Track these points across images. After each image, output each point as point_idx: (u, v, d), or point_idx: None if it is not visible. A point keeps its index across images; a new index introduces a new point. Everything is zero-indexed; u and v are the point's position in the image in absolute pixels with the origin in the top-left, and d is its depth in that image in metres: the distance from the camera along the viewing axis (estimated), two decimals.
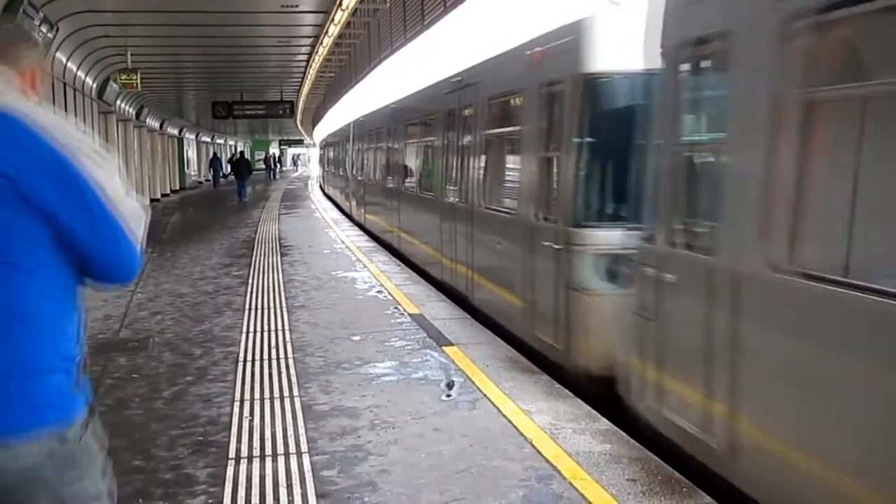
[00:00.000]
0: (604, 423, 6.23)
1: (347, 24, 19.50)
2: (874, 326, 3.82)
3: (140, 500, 5.05)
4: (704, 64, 5.49)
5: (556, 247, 7.62)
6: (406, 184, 15.93)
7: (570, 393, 7.00)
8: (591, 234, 7.28)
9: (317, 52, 21.17)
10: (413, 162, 15.58)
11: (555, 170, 8.01)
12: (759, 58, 4.71)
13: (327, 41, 19.35)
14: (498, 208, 9.76)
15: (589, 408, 6.60)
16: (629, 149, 6.79)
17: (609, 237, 7.13)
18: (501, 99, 9.92)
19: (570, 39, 7.57)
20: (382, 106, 18.85)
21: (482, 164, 10.37)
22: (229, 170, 42.79)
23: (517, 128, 9.14)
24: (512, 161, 9.65)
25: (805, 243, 4.36)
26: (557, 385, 7.23)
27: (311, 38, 19.24)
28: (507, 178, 9.82)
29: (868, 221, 4.12)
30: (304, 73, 26.14)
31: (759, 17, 4.73)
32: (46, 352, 2.35)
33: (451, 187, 11.84)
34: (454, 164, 11.72)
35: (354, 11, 17.86)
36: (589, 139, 7.40)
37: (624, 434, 6.01)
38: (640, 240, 6.08)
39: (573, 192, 7.48)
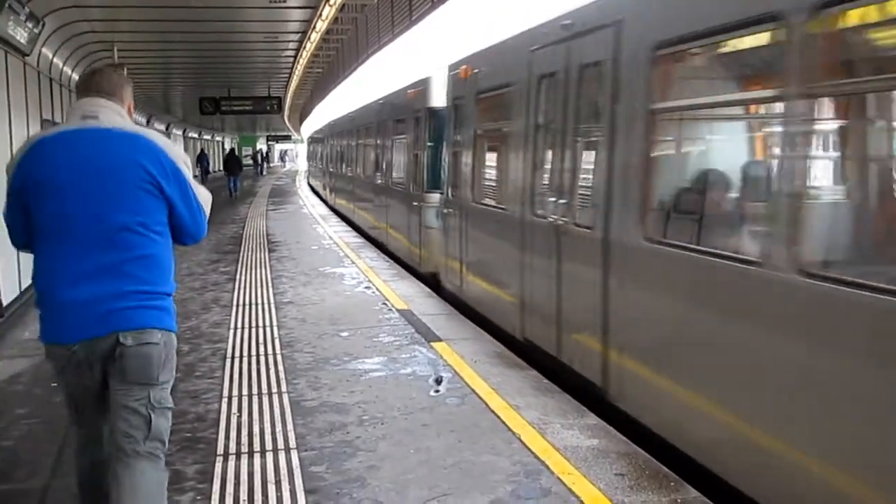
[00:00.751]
0: (592, 418, 6.25)
1: (335, 20, 19.42)
2: (503, 223, 9.01)
3: None
4: (458, 110, 11.02)
5: (417, 204, 13.59)
6: (356, 171, 22.42)
7: (558, 388, 7.03)
8: (431, 195, 12.94)
9: (304, 48, 21.09)
10: (360, 156, 21.72)
11: (419, 160, 13.94)
12: (470, 109, 10.47)
13: (315, 37, 19.25)
14: (397, 185, 15.97)
15: (577, 403, 6.64)
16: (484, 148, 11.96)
17: (439, 197, 12.28)
18: (399, 117, 16.02)
19: (423, 88, 13.75)
20: (346, 113, 25.94)
21: (391, 157, 16.85)
22: (221, 166, 43.77)
23: (405, 136, 15.19)
24: (403, 156, 15.46)
25: (482, 192, 10.34)
26: (546, 380, 7.26)
27: (299, 34, 19.15)
28: (402, 166, 15.63)
29: (499, 183, 9.85)
30: (292, 68, 26.01)
31: (471, 91, 10.32)
32: (167, 283, 3.97)
33: (378, 173, 18.25)
34: (380, 158, 18.20)
35: (342, 7, 17.80)
36: (429, 143, 13.39)
37: (612, 429, 6.03)
38: (441, 195, 12.01)
39: (424, 173, 13.60)
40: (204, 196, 4.12)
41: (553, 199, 7.56)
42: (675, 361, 5.75)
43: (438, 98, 12.64)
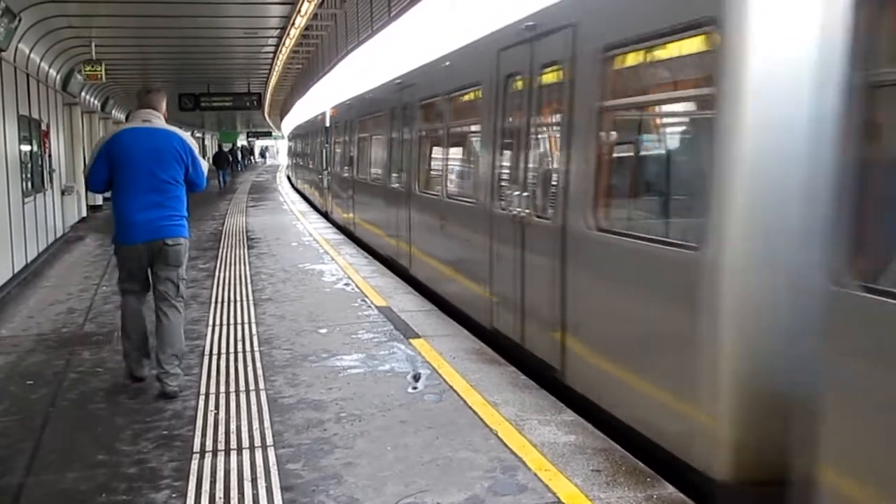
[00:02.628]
0: (569, 415, 6.26)
1: (314, 16, 19.35)
2: (340, 179, 21.76)
3: (103, 495, 5.02)
4: (332, 130, 23.30)
5: (321, 176, 25.90)
6: (305, 161, 34.80)
7: (535, 384, 7.04)
8: (325, 171, 24.91)
9: (284, 44, 21.03)
10: (305, 151, 34.75)
11: (324, 153, 25.33)
12: (333, 130, 23.13)
13: (294, 32, 19.19)
14: (317, 167, 27.45)
15: (554, 399, 6.64)
16: (338, 146, 22.14)
17: (327, 171, 24.86)
18: (315, 129, 28.63)
19: (323, 115, 25.35)
20: (300, 123, 39.26)
21: (316, 152, 28.04)
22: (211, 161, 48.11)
23: (319, 140, 26.89)
24: (319, 151, 26.98)
25: (335, 166, 22.69)
26: (523, 377, 7.27)
27: (278, 30, 19.08)
28: (318, 156, 27.13)
29: (339, 163, 21.91)
30: (272, 64, 25.90)
31: (333, 122, 23.03)
32: (184, 212, 7.15)
33: (311, 161, 31.05)
34: (313, 152, 29.95)
35: (322, 3, 17.76)
36: (326, 145, 24.62)
37: (589, 425, 6.04)
38: (328, 169, 24.30)
39: (324, 159, 25.08)
40: (203, 164, 7.47)
41: (347, 166, 19.34)
42: None
43: (330, 119, 23.62)
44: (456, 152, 10.99)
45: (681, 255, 5.29)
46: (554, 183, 7.25)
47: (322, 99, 30.29)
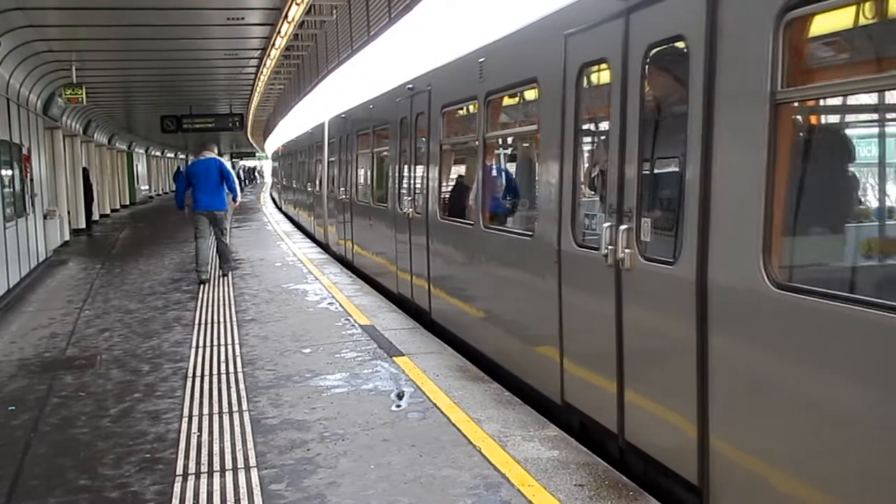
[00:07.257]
0: (552, 430, 6.28)
1: (295, 37, 19.39)
2: (290, 189, 35.41)
3: None
4: (283, 157, 40.26)
5: (280, 187, 43.51)
6: (287, 182, 36.75)
7: (519, 400, 7.05)
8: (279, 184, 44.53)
9: (265, 65, 21.06)
10: (288, 173, 36.51)
11: (284, 172, 40.61)
12: (284, 158, 39.68)
13: (275, 53, 19.23)
14: (291, 184, 33.84)
15: (538, 414, 6.66)
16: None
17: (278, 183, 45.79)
18: (277, 157, 47.64)
19: (280, 147, 42.80)
20: (286, 141, 42.52)
21: (281, 172, 43.98)
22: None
23: (279, 163, 45.98)
24: (281, 171, 44.20)
25: (285, 181, 38.86)
26: (507, 393, 7.28)
27: (259, 51, 19.11)
28: (281, 175, 42.95)
29: (289, 178, 36.60)
30: (253, 85, 25.93)
31: (284, 153, 39.47)
32: (224, 198, 15.41)
33: (276, 178, 51.37)
34: (279, 173, 46.01)
35: (301, 24, 17.80)
36: (283, 166, 42.26)
37: (572, 440, 6.06)
38: (297, 186, 31.07)
39: (283, 176, 41.15)
40: (235, 180, 15.97)
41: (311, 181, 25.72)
42: None
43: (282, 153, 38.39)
44: (380, 169, 14.84)
45: (524, 240, 7.55)
46: (423, 191, 10.94)
47: (287, 129, 39.51)
